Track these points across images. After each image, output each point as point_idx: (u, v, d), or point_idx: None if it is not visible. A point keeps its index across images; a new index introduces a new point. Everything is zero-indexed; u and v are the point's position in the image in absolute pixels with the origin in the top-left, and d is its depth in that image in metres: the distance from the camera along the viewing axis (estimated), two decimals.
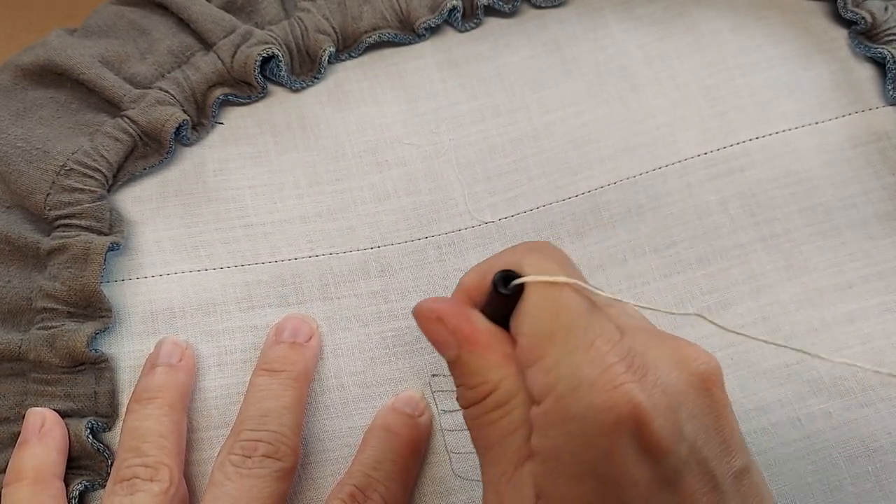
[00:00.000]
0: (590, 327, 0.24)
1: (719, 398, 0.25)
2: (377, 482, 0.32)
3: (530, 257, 0.26)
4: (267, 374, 0.34)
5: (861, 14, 0.40)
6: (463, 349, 0.26)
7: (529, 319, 0.25)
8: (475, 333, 0.26)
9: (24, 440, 0.33)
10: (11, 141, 0.38)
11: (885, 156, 0.39)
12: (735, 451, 0.25)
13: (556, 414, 0.24)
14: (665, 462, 0.24)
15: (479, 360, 0.26)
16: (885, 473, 0.34)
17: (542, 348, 0.24)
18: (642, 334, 0.25)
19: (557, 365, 0.24)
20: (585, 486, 0.24)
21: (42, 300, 0.35)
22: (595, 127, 0.40)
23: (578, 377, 0.24)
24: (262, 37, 0.40)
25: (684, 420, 0.24)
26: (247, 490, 0.31)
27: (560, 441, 0.24)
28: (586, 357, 0.24)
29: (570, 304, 0.25)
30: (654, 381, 0.24)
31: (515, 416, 0.26)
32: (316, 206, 0.39)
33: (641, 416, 0.23)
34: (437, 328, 0.27)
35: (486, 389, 0.26)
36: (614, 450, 0.23)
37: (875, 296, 0.37)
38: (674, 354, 0.25)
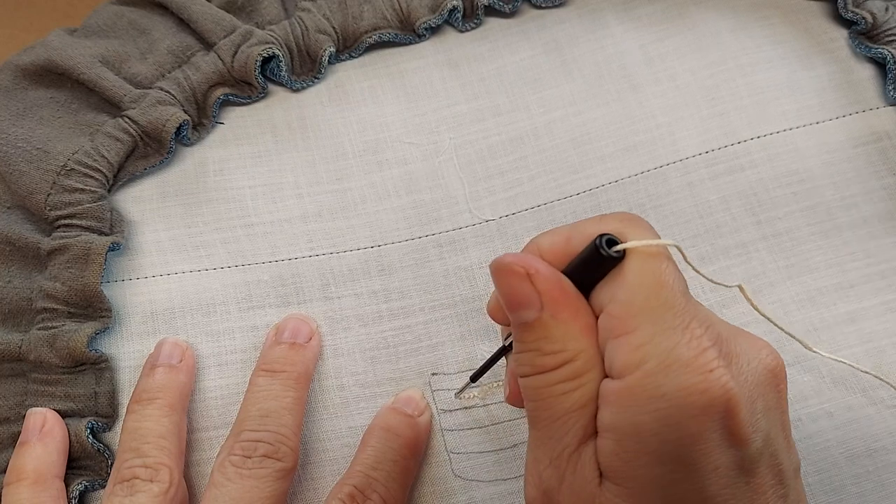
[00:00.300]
0: (687, 308, 0.24)
1: (785, 395, 0.25)
2: (377, 482, 0.32)
3: (632, 227, 0.25)
4: (267, 375, 0.34)
5: (861, 14, 0.40)
6: (548, 311, 0.25)
7: (627, 289, 0.24)
8: (565, 296, 0.25)
9: (24, 440, 0.33)
10: (12, 141, 0.38)
11: (886, 156, 0.39)
12: (794, 448, 0.25)
13: (643, 391, 0.23)
14: (745, 450, 0.23)
15: (563, 326, 0.25)
16: (886, 473, 0.34)
17: (634, 321, 0.23)
18: (722, 324, 0.25)
19: (650, 340, 0.23)
20: (664, 468, 0.23)
21: (42, 300, 0.35)
22: (595, 126, 0.40)
23: (673, 356, 0.23)
24: (262, 37, 0.40)
25: (760, 412, 0.24)
26: (247, 490, 0.31)
27: (643, 419, 0.23)
28: (682, 337, 0.23)
29: (670, 282, 0.24)
30: (739, 369, 0.24)
31: (588, 389, 0.25)
32: (316, 205, 0.39)
33: (731, 402, 0.23)
34: (522, 285, 0.25)
35: (563, 357, 0.25)
36: (702, 433, 0.23)
37: (876, 295, 0.37)
38: (752, 346, 0.25)
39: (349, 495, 0.32)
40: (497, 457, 0.35)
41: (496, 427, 0.35)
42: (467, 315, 0.37)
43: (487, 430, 0.35)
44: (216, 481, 0.32)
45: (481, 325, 0.36)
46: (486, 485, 0.34)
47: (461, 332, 0.36)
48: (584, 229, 0.25)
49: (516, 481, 0.34)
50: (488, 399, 0.35)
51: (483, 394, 0.35)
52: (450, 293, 0.37)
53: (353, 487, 0.32)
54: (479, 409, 0.35)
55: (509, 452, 0.35)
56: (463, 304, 0.37)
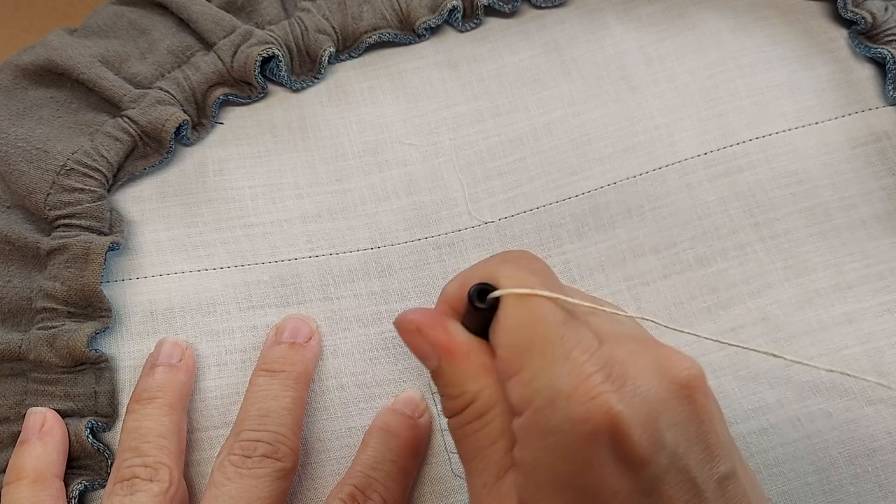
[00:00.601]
0: (566, 338, 0.24)
1: (702, 404, 0.25)
2: (377, 482, 0.32)
3: (506, 269, 0.26)
4: (267, 375, 0.34)
5: (861, 14, 0.40)
6: (442, 360, 0.26)
7: (506, 332, 0.25)
8: (452, 344, 0.26)
9: (24, 440, 0.34)
10: (11, 141, 0.38)
11: (885, 156, 0.39)
12: (719, 457, 0.25)
13: (535, 426, 0.24)
14: (644, 471, 0.24)
15: (458, 371, 0.26)
16: (885, 473, 0.34)
17: (520, 360, 0.24)
18: (624, 342, 0.25)
19: (535, 377, 0.24)
20: (566, 498, 0.24)
21: (42, 300, 0.36)
22: (594, 127, 0.40)
23: (555, 389, 0.24)
24: (262, 37, 0.40)
25: (664, 428, 0.24)
26: (247, 490, 0.31)
27: (539, 453, 0.24)
28: (563, 368, 0.24)
29: (545, 316, 0.25)
30: (634, 389, 0.24)
31: (495, 426, 0.26)
32: (316, 206, 0.39)
33: (619, 426, 0.23)
34: (417, 339, 0.27)
35: (466, 400, 0.26)
36: (592, 461, 0.23)
37: (875, 296, 0.37)
38: (655, 362, 0.25)
39: (349, 495, 0.32)
40: None
41: None
42: None
43: None
44: (216, 481, 0.32)
45: None
46: None
47: None
48: (472, 276, 0.27)
49: None
50: None
51: None
52: None
53: (354, 487, 0.32)
54: None
55: None
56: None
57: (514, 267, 0.26)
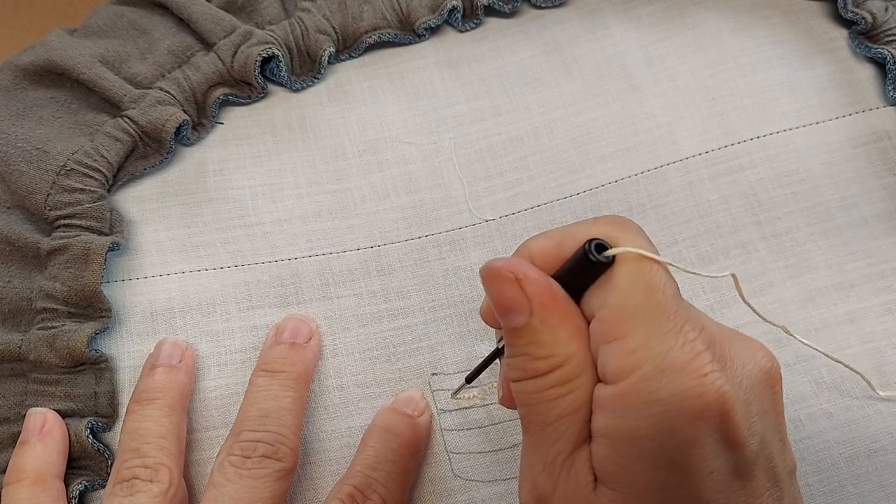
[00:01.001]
0: (679, 312, 0.23)
1: (780, 396, 0.25)
2: (377, 482, 0.32)
3: (622, 231, 0.24)
4: (267, 375, 0.34)
5: (861, 14, 0.40)
6: (537, 316, 0.24)
7: (618, 294, 0.24)
8: (554, 300, 0.24)
9: (24, 440, 0.33)
10: (11, 141, 0.38)
11: (886, 156, 0.39)
12: (789, 449, 0.25)
13: (638, 396, 0.23)
14: (741, 454, 0.23)
15: (553, 332, 0.24)
16: (886, 474, 0.34)
17: (626, 325, 0.23)
18: (717, 327, 0.25)
19: (644, 345, 0.23)
20: (660, 473, 0.23)
21: (42, 300, 0.35)
22: (595, 126, 0.40)
23: (667, 360, 0.23)
24: (262, 37, 0.40)
25: (755, 414, 0.24)
26: (246, 490, 0.31)
27: (639, 424, 0.23)
28: (676, 341, 0.23)
29: (662, 286, 0.24)
30: (735, 372, 0.23)
31: (580, 394, 0.24)
32: (316, 205, 0.39)
33: (727, 406, 0.23)
34: (511, 290, 0.24)
35: (553, 363, 0.24)
36: (698, 438, 0.23)
37: (877, 296, 0.37)
38: (746, 349, 0.25)
39: (349, 495, 0.32)
40: (496, 457, 0.35)
41: (496, 427, 0.35)
42: (467, 315, 0.37)
43: (487, 430, 0.35)
44: (216, 481, 0.32)
45: (481, 325, 0.36)
46: (486, 485, 0.34)
47: (461, 332, 0.36)
48: (575, 233, 0.25)
49: (516, 481, 0.34)
50: (488, 399, 0.35)
51: (483, 394, 0.35)
52: (449, 293, 0.37)
53: (353, 487, 0.32)
54: (479, 409, 0.35)
55: (509, 452, 0.35)
56: (462, 304, 0.37)
57: (631, 232, 0.25)
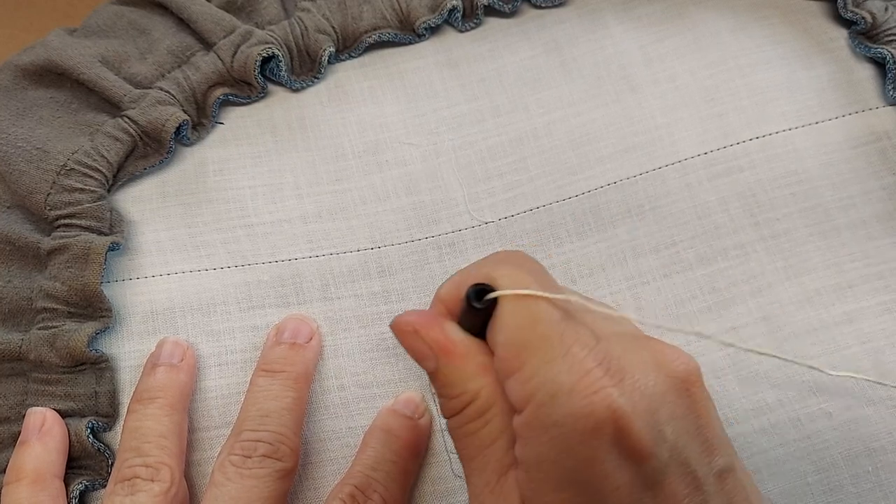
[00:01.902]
0: (565, 334, 0.24)
1: (699, 398, 0.25)
2: (377, 483, 0.32)
3: (503, 269, 0.26)
4: (267, 375, 0.34)
5: (861, 14, 0.40)
6: (440, 361, 0.27)
7: (505, 331, 0.25)
8: (450, 344, 0.26)
9: (24, 440, 0.34)
10: (11, 141, 0.38)
11: (885, 156, 0.39)
12: (717, 451, 0.25)
13: (537, 422, 0.24)
14: (646, 465, 0.24)
15: (457, 371, 0.26)
16: (885, 473, 0.34)
17: (519, 359, 0.25)
18: (620, 339, 0.25)
19: (535, 374, 0.24)
20: (568, 493, 0.24)
21: (42, 300, 0.36)
22: (594, 127, 0.40)
23: (556, 384, 0.24)
24: (262, 37, 0.40)
25: (664, 422, 0.24)
26: (247, 490, 0.31)
27: (541, 449, 0.24)
28: (563, 364, 0.24)
29: (544, 315, 0.25)
30: (633, 384, 0.24)
31: (495, 424, 0.26)
32: (316, 206, 0.39)
33: (620, 419, 0.23)
34: (414, 341, 0.27)
35: (465, 399, 0.26)
36: (595, 455, 0.24)
37: (875, 296, 0.37)
38: (652, 357, 0.25)
39: (349, 495, 0.32)
40: None
41: None
42: None
43: None
44: (216, 481, 0.32)
45: None
46: None
47: None
48: (468, 277, 0.27)
49: None
50: None
51: None
52: None
53: (354, 487, 0.32)
54: None
55: None
56: None
57: (511, 267, 0.26)
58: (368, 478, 0.32)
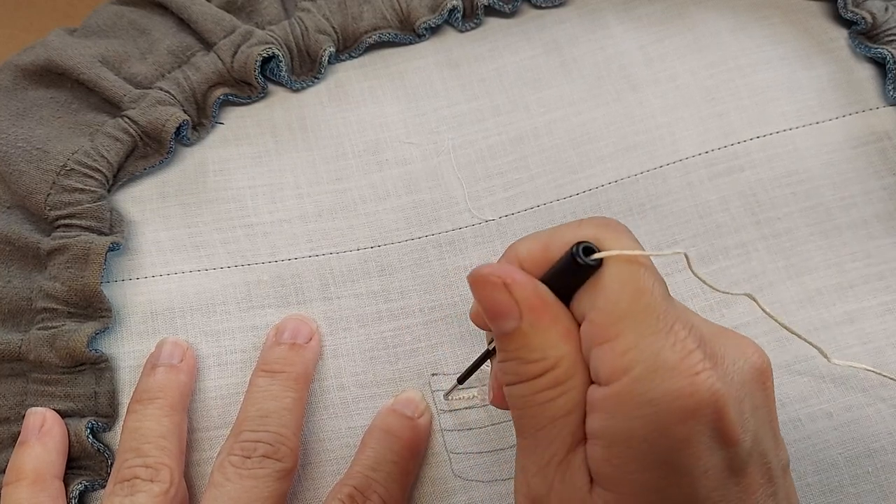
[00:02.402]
0: (669, 312, 0.24)
1: (771, 392, 0.25)
2: (376, 483, 0.32)
3: (609, 233, 0.25)
4: (267, 376, 0.34)
5: (861, 14, 0.40)
6: (525, 320, 0.25)
7: (607, 296, 0.24)
8: (542, 304, 0.25)
9: (23, 440, 0.33)
10: (12, 141, 0.38)
11: (886, 156, 0.39)
12: (782, 445, 0.25)
13: (630, 397, 0.23)
14: (735, 451, 0.23)
15: (543, 335, 0.25)
16: (885, 474, 0.34)
17: (617, 327, 0.23)
18: (706, 324, 0.25)
19: (635, 346, 0.23)
20: (655, 473, 0.23)
21: (42, 300, 0.35)
22: (595, 126, 0.40)
23: (658, 360, 0.23)
24: (262, 37, 0.40)
25: (748, 411, 0.24)
26: (246, 490, 0.31)
27: (632, 425, 0.23)
28: (667, 341, 0.23)
29: (650, 286, 0.24)
30: (727, 369, 0.24)
31: (572, 396, 0.24)
32: (316, 205, 0.39)
33: (719, 404, 0.23)
34: (500, 295, 0.25)
35: (545, 366, 0.25)
36: (691, 436, 0.23)
37: (876, 296, 0.37)
38: (736, 345, 0.25)
39: (349, 496, 0.32)
40: (497, 457, 0.35)
41: (496, 427, 0.35)
42: (467, 315, 0.37)
43: (487, 430, 0.35)
44: (216, 481, 0.32)
45: None
46: (486, 485, 0.34)
47: (461, 332, 0.36)
48: (561, 236, 0.25)
49: None
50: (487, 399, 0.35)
51: (482, 395, 0.35)
52: (449, 293, 0.37)
53: (353, 488, 0.32)
54: (479, 409, 0.35)
55: (509, 453, 0.35)
56: (463, 305, 0.37)
57: (617, 233, 0.25)
58: (368, 478, 0.32)
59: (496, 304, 0.25)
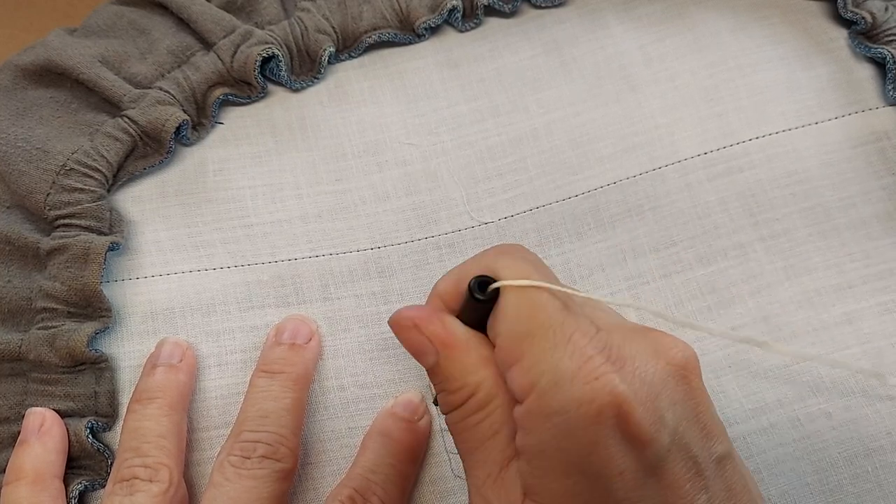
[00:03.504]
0: (566, 323, 0.25)
1: (696, 385, 0.25)
2: (376, 486, 0.32)
3: (504, 260, 0.26)
4: (266, 376, 0.34)
5: (861, 14, 0.40)
6: (441, 354, 0.27)
7: (506, 321, 0.25)
8: (451, 337, 0.27)
9: (23, 440, 0.34)
10: (11, 141, 0.38)
11: (885, 156, 0.39)
12: (716, 437, 0.25)
13: (539, 411, 0.24)
14: (648, 450, 0.24)
15: (457, 365, 0.27)
16: (884, 473, 0.34)
17: (520, 348, 0.25)
18: (619, 329, 0.26)
19: (537, 362, 0.24)
20: (572, 480, 0.24)
21: (42, 300, 0.36)
22: (594, 127, 0.40)
23: (558, 372, 0.24)
24: (262, 37, 0.40)
25: (665, 408, 0.24)
26: (245, 491, 0.31)
27: (545, 437, 0.24)
28: (565, 352, 0.24)
29: (545, 304, 0.25)
30: (633, 370, 0.24)
31: (497, 416, 0.26)
32: (316, 206, 0.39)
33: (623, 405, 0.24)
34: (414, 336, 0.27)
35: (466, 393, 0.26)
36: (598, 441, 0.24)
37: (874, 296, 0.37)
38: (651, 345, 0.25)
39: (348, 497, 0.32)
40: None
41: None
42: None
43: None
44: (215, 481, 0.32)
45: None
46: None
47: None
48: (468, 270, 0.27)
49: None
50: None
51: None
52: None
53: (353, 490, 0.32)
54: None
55: None
56: None
57: (511, 258, 0.26)
58: (368, 480, 0.32)
59: (413, 344, 0.27)
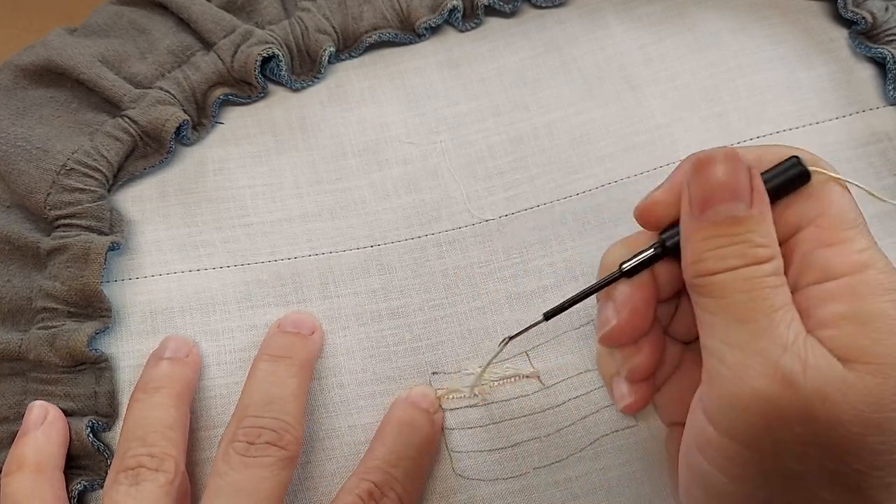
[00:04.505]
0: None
1: None
2: (395, 481, 0.32)
3: (810, 154, 0.28)
4: (270, 360, 0.34)
5: (861, 14, 0.40)
6: (756, 208, 0.26)
7: (838, 206, 0.27)
8: (767, 201, 0.27)
9: (25, 431, 0.33)
10: (11, 140, 0.38)
11: (886, 156, 0.39)
12: None
13: (879, 285, 0.25)
14: None
15: (767, 226, 0.26)
16: None
17: (849, 233, 0.26)
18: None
19: (871, 247, 0.26)
20: None
21: (42, 300, 0.35)
22: (595, 126, 0.40)
23: (885, 260, 0.26)
24: (262, 36, 0.40)
25: None
26: (250, 479, 0.31)
27: (886, 306, 0.25)
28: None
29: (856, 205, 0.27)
30: None
31: (787, 292, 0.26)
32: (316, 205, 0.39)
33: None
34: (744, 179, 0.27)
35: (772, 252, 0.26)
36: None
37: None
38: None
39: (367, 492, 0.31)
40: (498, 456, 0.34)
41: (497, 426, 0.35)
42: (467, 315, 0.37)
43: (488, 428, 0.35)
44: (220, 470, 0.31)
45: (481, 324, 0.37)
46: (487, 483, 0.34)
47: (461, 331, 0.36)
48: (770, 150, 0.28)
49: (517, 480, 0.34)
50: (489, 398, 0.35)
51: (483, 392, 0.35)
52: (449, 293, 0.37)
53: (373, 484, 0.31)
54: (480, 408, 0.35)
55: (510, 451, 0.35)
56: (462, 304, 0.37)
57: (817, 158, 0.28)
58: (388, 475, 0.32)
59: (737, 183, 0.26)
